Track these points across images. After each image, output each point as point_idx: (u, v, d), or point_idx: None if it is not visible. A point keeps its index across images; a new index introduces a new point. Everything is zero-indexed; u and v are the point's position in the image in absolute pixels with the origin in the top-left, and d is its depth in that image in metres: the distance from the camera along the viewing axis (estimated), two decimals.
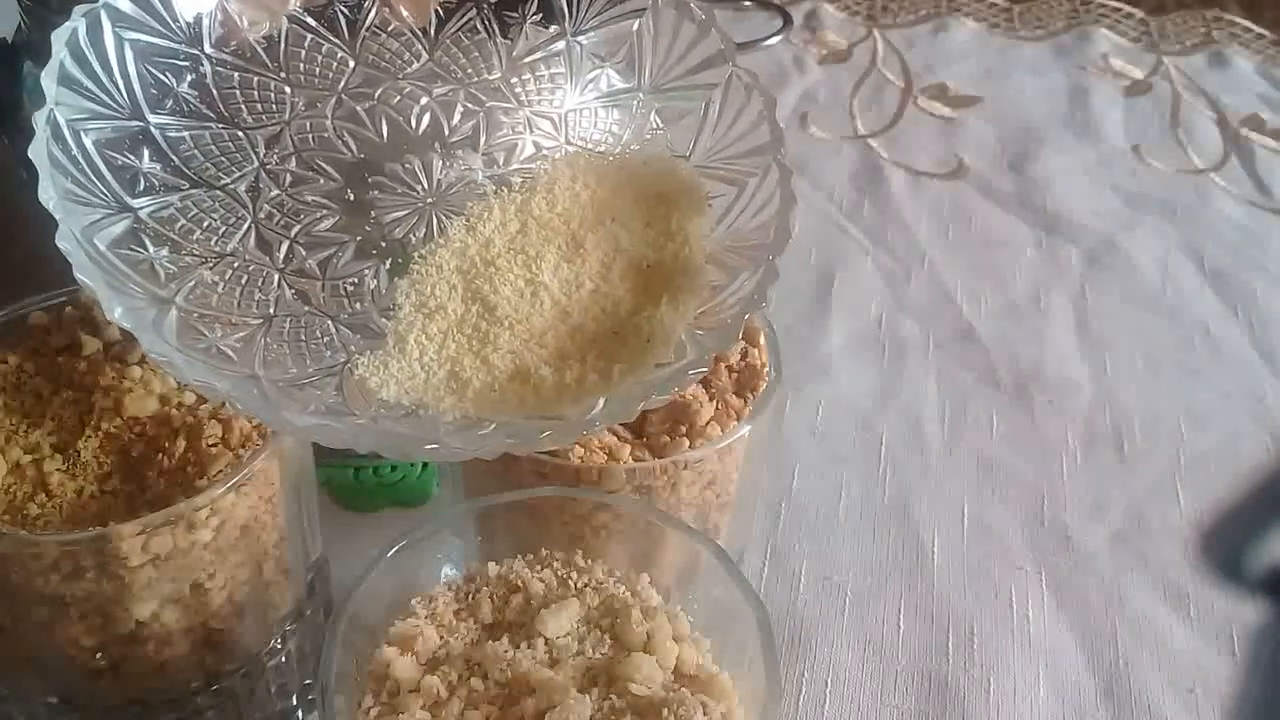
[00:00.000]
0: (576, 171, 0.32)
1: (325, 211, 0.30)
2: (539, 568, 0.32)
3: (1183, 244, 0.64)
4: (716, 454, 0.34)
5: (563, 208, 0.31)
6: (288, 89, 0.30)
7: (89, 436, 0.30)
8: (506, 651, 0.29)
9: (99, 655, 0.31)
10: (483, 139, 0.32)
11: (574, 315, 0.29)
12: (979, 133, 0.72)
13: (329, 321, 0.29)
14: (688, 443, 0.33)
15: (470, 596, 0.31)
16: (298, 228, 0.30)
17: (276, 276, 0.29)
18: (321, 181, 0.30)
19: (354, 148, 0.31)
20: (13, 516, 0.29)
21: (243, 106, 0.30)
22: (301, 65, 0.31)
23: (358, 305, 0.29)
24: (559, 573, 0.31)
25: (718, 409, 0.34)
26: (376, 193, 0.31)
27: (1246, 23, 0.86)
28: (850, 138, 0.71)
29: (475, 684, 0.28)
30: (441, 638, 0.29)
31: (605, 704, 0.28)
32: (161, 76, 0.28)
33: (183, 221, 0.29)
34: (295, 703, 0.37)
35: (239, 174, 0.30)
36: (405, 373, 0.29)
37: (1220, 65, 0.81)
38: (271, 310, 0.29)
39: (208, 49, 0.29)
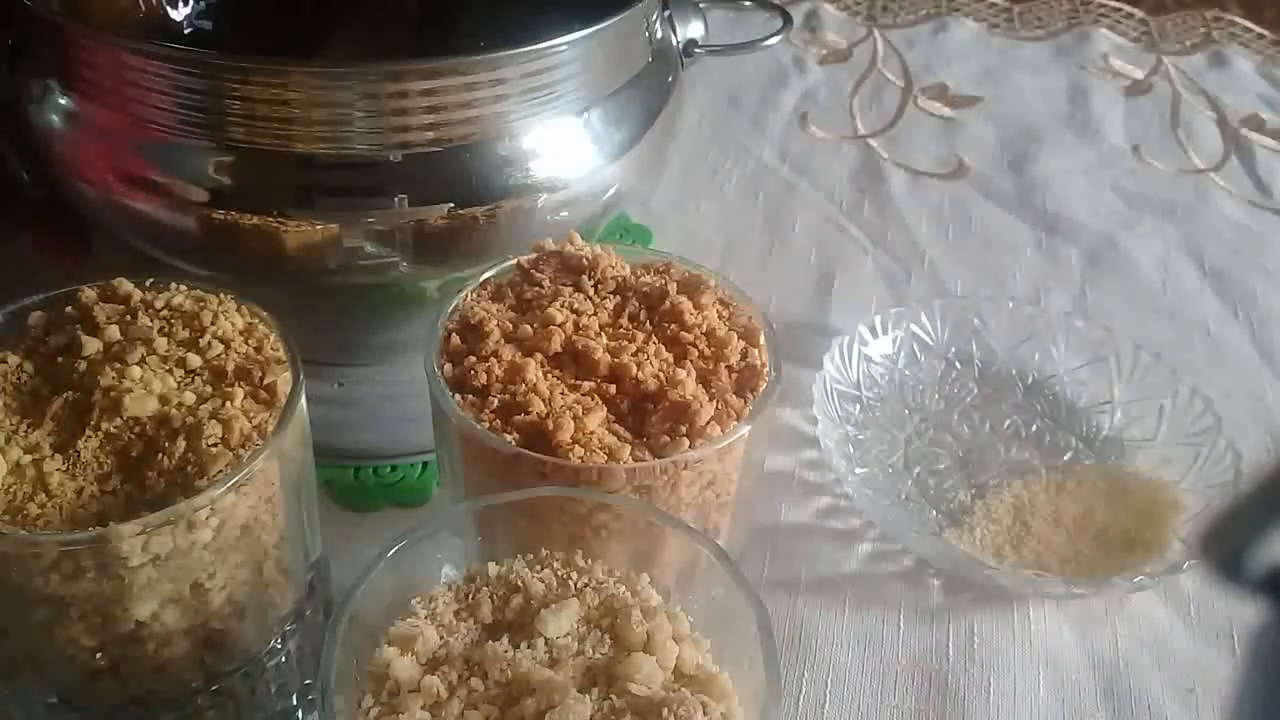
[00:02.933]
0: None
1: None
2: (539, 568, 0.32)
3: (1183, 244, 0.64)
4: (716, 454, 0.34)
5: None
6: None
7: (89, 436, 0.30)
8: (506, 651, 0.29)
9: (99, 655, 0.31)
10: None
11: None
12: (979, 133, 0.72)
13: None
14: (688, 443, 0.33)
15: (470, 596, 0.31)
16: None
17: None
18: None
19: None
20: (13, 516, 0.29)
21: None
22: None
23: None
24: (559, 573, 0.31)
25: (718, 409, 0.34)
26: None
27: (1246, 23, 0.86)
28: (850, 138, 0.71)
29: (475, 684, 0.28)
30: (441, 638, 0.29)
31: (605, 704, 0.28)
32: None
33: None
34: (295, 703, 0.37)
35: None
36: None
37: (1220, 65, 0.81)
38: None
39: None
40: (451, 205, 0.40)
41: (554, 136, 0.41)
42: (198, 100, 0.38)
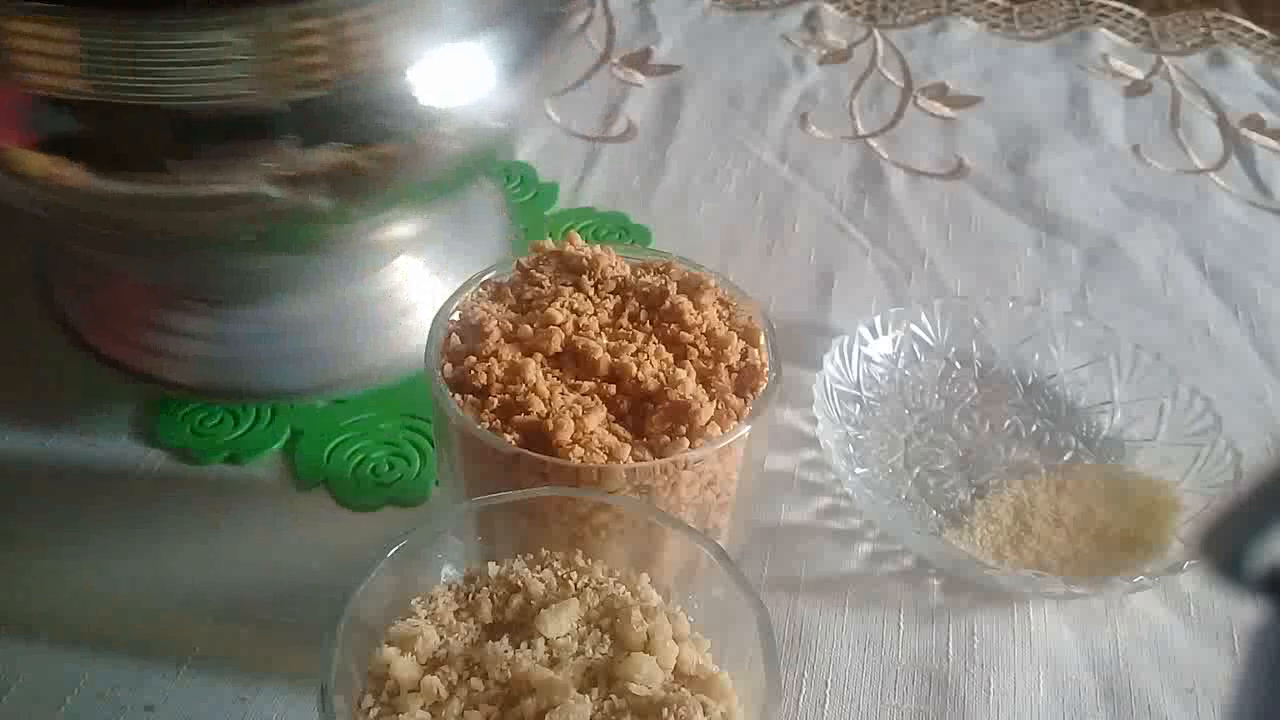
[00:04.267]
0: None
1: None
2: (539, 568, 0.32)
3: (1183, 244, 0.64)
4: (716, 454, 0.34)
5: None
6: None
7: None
8: (506, 651, 0.29)
9: None
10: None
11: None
12: (979, 133, 0.72)
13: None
14: (688, 443, 0.33)
15: (470, 596, 0.31)
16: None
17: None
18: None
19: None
20: None
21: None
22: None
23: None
24: (559, 573, 0.31)
25: (718, 409, 0.34)
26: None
27: (1246, 23, 0.86)
28: (850, 138, 0.71)
29: (475, 684, 0.28)
30: (441, 638, 0.29)
31: (605, 704, 0.28)
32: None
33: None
34: None
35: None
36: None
37: (1220, 65, 0.81)
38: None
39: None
40: (343, 144, 0.38)
41: (439, 67, 0.39)
42: (66, 57, 0.36)
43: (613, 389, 0.35)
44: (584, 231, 0.60)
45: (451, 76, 0.40)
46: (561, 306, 0.37)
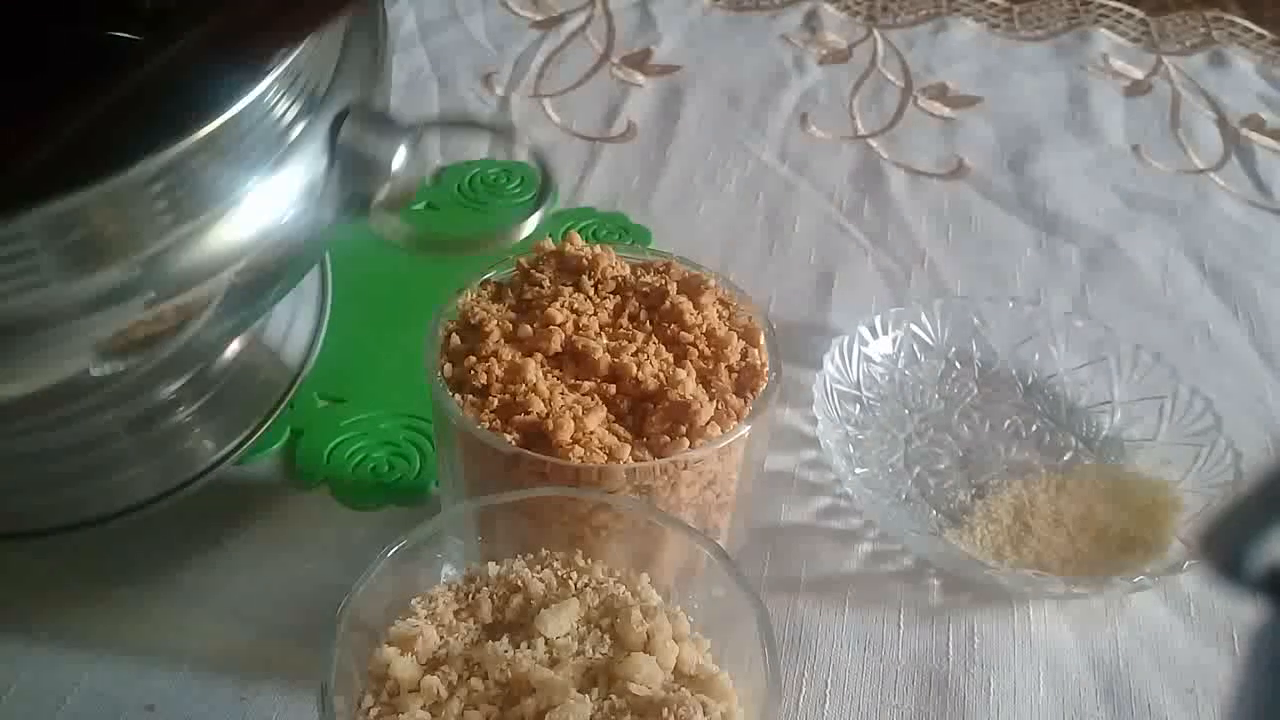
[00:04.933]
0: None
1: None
2: (539, 568, 0.32)
3: (1183, 244, 0.64)
4: (716, 454, 0.34)
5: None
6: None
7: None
8: (506, 651, 0.29)
9: None
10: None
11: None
12: (979, 133, 0.72)
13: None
14: (688, 443, 0.33)
15: (470, 596, 0.31)
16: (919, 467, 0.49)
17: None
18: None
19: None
20: None
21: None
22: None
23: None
24: (559, 573, 0.31)
25: (718, 409, 0.34)
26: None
27: (1246, 23, 0.86)
28: (850, 138, 0.71)
29: (475, 684, 0.28)
30: (441, 638, 0.29)
31: (605, 704, 0.28)
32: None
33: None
34: None
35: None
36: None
37: (1220, 65, 0.81)
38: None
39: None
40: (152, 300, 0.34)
41: (236, 212, 0.35)
42: None
43: (613, 389, 0.35)
44: (584, 231, 0.60)
45: (249, 219, 0.36)
46: (561, 306, 0.37)
